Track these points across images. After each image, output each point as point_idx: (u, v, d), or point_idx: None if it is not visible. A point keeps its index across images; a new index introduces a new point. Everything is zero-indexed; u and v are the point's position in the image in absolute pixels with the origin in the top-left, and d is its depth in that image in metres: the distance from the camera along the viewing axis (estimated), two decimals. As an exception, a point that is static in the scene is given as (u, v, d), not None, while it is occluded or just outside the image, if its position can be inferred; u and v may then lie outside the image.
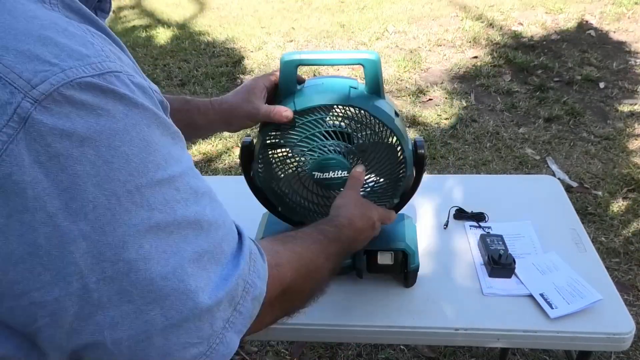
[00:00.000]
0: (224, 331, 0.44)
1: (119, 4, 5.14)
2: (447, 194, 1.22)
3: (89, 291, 0.37)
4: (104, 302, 0.38)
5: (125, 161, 0.38)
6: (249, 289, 0.46)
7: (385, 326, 0.90)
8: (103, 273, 0.37)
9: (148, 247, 0.39)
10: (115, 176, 0.37)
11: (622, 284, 1.84)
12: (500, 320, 0.89)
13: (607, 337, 0.86)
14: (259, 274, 0.48)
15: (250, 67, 3.60)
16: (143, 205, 0.39)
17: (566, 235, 1.07)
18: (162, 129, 0.42)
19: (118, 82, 0.39)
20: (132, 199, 0.38)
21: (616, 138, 2.63)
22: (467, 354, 1.67)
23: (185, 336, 0.41)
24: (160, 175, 0.40)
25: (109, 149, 0.37)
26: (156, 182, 0.40)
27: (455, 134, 2.74)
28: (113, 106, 0.38)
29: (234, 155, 2.71)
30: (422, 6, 4.39)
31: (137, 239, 0.38)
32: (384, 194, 0.87)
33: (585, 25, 3.80)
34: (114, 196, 0.37)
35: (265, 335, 1.12)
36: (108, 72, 0.38)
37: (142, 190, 0.39)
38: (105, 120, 0.37)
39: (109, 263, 0.37)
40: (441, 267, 1.01)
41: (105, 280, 0.37)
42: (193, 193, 0.43)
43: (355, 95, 0.79)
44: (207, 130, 0.88)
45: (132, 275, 0.38)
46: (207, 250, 0.43)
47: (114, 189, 0.37)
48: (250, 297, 0.46)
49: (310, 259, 0.61)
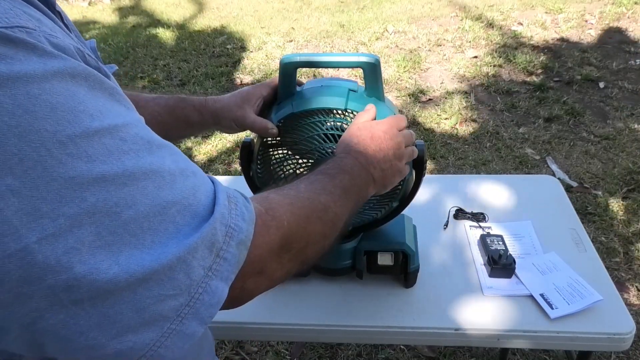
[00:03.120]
0: (206, 279, 0.42)
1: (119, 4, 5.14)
2: (447, 194, 1.22)
3: (31, 252, 0.34)
4: (52, 263, 0.35)
5: (50, 110, 0.35)
6: (232, 233, 0.44)
7: (385, 326, 0.90)
8: (43, 231, 0.34)
9: (93, 200, 0.36)
10: (40, 126, 0.34)
11: (622, 284, 1.84)
12: (501, 320, 0.89)
13: (607, 337, 0.86)
14: (242, 216, 0.45)
15: (250, 67, 3.60)
16: (80, 156, 0.36)
17: (566, 235, 1.07)
18: (91, 82, 0.39)
19: (29, 37, 0.36)
20: (65, 149, 0.35)
21: (616, 138, 2.63)
22: (467, 354, 1.67)
23: (157, 288, 0.39)
24: (97, 125, 0.37)
25: (27, 97, 0.34)
26: (93, 132, 0.37)
27: (455, 134, 2.74)
28: (25, 55, 0.35)
29: (234, 155, 2.71)
30: (422, 6, 4.39)
31: (78, 192, 0.35)
32: (382, 197, 0.87)
33: (585, 25, 3.80)
34: (42, 147, 0.34)
35: (266, 335, 1.12)
36: (17, 27, 0.36)
37: (76, 141, 0.36)
38: (19, 67, 0.34)
39: (48, 220, 0.35)
40: (441, 268, 1.01)
41: (47, 239, 0.35)
42: (145, 143, 0.41)
43: (354, 98, 0.79)
44: (201, 127, 0.88)
45: (77, 231, 0.35)
46: (173, 202, 0.40)
47: (42, 139, 0.34)
48: (234, 242, 0.44)
49: (309, 199, 0.57)
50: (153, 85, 3.40)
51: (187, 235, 0.41)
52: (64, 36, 0.41)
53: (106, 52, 3.93)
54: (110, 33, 4.39)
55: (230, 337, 1.63)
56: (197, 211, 0.42)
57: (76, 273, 0.36)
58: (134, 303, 0.38)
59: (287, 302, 0.95)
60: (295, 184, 0.59)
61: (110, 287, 0.37)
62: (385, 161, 0.71)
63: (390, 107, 0.82)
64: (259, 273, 0.49)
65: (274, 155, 0.85)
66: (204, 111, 0.85)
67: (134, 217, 0.38)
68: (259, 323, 0.92)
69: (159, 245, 0.39)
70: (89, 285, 0.36)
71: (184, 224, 0.41)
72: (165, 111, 0.84)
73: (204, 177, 0.46)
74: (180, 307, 0.41)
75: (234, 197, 0.47)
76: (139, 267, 0.38)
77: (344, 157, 0.68)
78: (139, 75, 3.58)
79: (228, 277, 0.44)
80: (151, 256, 0.39)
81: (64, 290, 0.36)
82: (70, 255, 0.36)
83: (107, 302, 0.38)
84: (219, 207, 0.44)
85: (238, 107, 0.83)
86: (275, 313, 0.93)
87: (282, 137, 0.83)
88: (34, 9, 0.41)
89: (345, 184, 0.63)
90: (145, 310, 0.39)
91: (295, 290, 0.97)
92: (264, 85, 0.86)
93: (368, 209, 0.88)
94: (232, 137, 2.80)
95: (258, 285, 0.50)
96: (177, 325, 0.41)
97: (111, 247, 0.37)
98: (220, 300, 0.43)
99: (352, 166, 0.66)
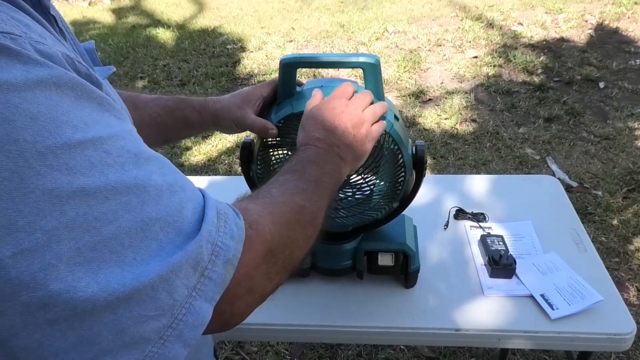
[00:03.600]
0: (190, 300, 0.40)
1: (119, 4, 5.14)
2: (447, 194, 1.22)
3: (4, 267, 0.33)
4: (27, 280, 0.33)
5: (30, 119, 0.34)
6: (219, 251, 0.42)
7: (385, 327, 0.90)
8: (18, 245, 0.33)
9: (73, 214, 0.35)
10: (19, 136, 0.33)
11: (622, 284, 1.84)
12: (501, 320, 0.89)
13: (608, 337, 0.86)
14: (232, 233, 0.44)
15: (250, 67, 3.60)
16: (60, 169, 0.34)
17: (566, 235, 1.07)
18: (78, 91, 0.38)
19: (13, 43, 0.35)
20: (44, 161, 0.34)
21: (616, 138, 2.63)
22: (467, 354, 1.67)
23: (138, 308, 0.37)
24: (80, 137, 0.36)
25: (7, 106, 0.33)
26: (76, 144, 0.36)
27: (455, 134, 2.74)
28: (7, 62, 0.34)
29: (234, 155, 2.71)
30: (422, 6, 4.39)
31: (57, 206, 0.34)
32: (383, 198, 0.87)
33: (585, 25, 3.80)
34: (20, 158, 0.33)
35: (266, 335, 1.12)
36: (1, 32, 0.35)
37: (56, 152, 0.34)
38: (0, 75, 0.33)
39: (24, 234, 0.33)
40: (441, 268, 1.01)
41: (22, 254, 0.33)
42: (132, 156, 0.39)
43: None
44: (201, 128, 0.88)
45: (54, 247, 0.34)
46: (157, 218, 0.39)
47: (20, 150, 0.33)
48: (221, 261, 0.42)
49: (284, 202, 0.55)
50: (153, 85, 3.40)
51: (171, 254, 0.39)
52: (55, 42, 0.40)
53: (106, 52, 3.93)
54: (110, 33, 4.39)
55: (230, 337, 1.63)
56: (183, 228, 0.41)
57: (52, 291, 0.34)
58: (113, 324, 0.37)
59: (287, 302, 0.95)
60: (267, 190, 0.56)
61: (88, 306, 0.35)
62: (346, 135, 0.68)
63: (390, 107, 0.82)
64: (248, 292, 0.47)
65: (274, 155, 0.85)
66: (203, 112, 0.84)
67: (115, 233, 0.37)
68: (259, 323, 0.92)
69: (140, 263, 0.37)
70: (66, 304, 0.35)
71: (168, 241, 0.39)
72: (165, 112, 0.84)
73: (193, 191, 0.44)
74: (163, 329, 0.39)
75: (224, 213, 0.45)
76: (119, 286, 0.36)
77: (305, 149, 0.65)
78: (139, 75, 3.58)
79: (213, 298, 0.42)
80: (132, 274, 0.37)
81: (39, 308, 0.34)
82: (46, 271, 0.34)
83: (85, 322, 0.36)
84: (206, 225, 0.42)
85: (238, 107, 0.83)
86: (275, 313, 0.93)
87: (282, 138, 0.82)
88: (23, 13, 0.40)
89: (315, 175, 0.61)
90: (126, 332, 0.37)
91: (296, 290, 0.97)
92: (264, 86, 0.86)
93: (368, 209, 0.88)
94: (232, 137, 2.80)
95: (249, 304, 0.48)
96: (159, 348, 0.39)
97: (90, 264, 0.35)
98: (204, 321, 0.42)
99: (316, 154, 0.64)
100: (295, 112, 0.79)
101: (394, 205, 0.89)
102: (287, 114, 0.80)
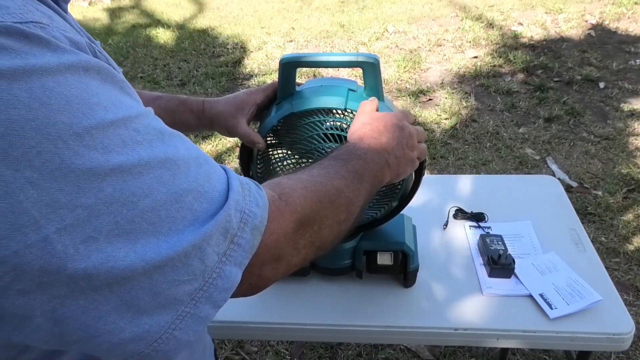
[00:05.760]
0: (220, 265, 0.43)
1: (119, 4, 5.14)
2: (447, 194, 1.22)
3: (50, 242, 0.35)
4: (71, 253, 0.36)
5: (65, 102, 0.36)
6: (247, 218, 0.45)
7: (385, 326, 0.90)
8: (62, 221, 0.35)
9: (110, 190, 0.37)
10: (57, 118, 0.35)
11: (622, 284, 1.84)
12: (500, 320, 0.89)
13: (607, 337, 0.86)
14: (256, 202, 0.46)
15: (250, 67, 3.60)
16: (96, 148, 0.37)
17: (566, 235, 1.07)
18: (104, 75, 0.40)
19: (43, 32, 0.37)
20: (81, 141, 0.36)
21: (616, 138, 2.63)
22: (467, 354, 1.67)
23: (172, 274, 0.40)
24: (111, 117, 0.38)
25: (43, 90, 0.35)
26: (108, 124, 0.38)
27: (455, 134, 2.74)
28: (39, 50, 0.36)
29: (234, 155, 2.71)
30: (422, 6, 4.39)
31: (95, 183, 0.36)
32: (382, 197, 0.87)
33: (585, 25, 3.80)
34: (59, 139, 0.35)
35: (266, 335, 1.12)
36: (32, 22, 0.36)
37: (92, 133, 0.37)
38: (34, 61, 0.35)
39: (67, 210, 0.35)
40: (441, 268, 1.01)
41: (66, 230, 0.35)
42: (158, 133, 0.42)
43: (353, 98, 0.79)
44: (199, 129, 0.91)
45: (94, 221, 0.36)
46: (189, 189, 0.41)
47: (59, 132, 0.35)
48: (249, 228, 0.45)
49: (321, 183, 0.57)
50: (153, 85, 3.40)
51: (203, 223, 0.42)
52: (75, 33, 0.42)
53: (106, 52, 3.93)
54: (110, 33, 4.40)
55: (230, 337, 1.63)
56: (213, 197, 0.43)
57: (94, 261, 0.37)
58: (150, 288, 0.39)
59: (287, 302, 0.95)
60: (308, 169, 0.59)
61: (127, 274, 0.38)
62: (399, 149, 0.71)
63: (390, 107, 0.82)
64: (276, 260, 0.49)
65: (274, 155, 0.85)
66: (201, 116, 0.87)
67: (152, 205, 0.39)
68: (259, 323, 0.92)
69: (175, 232, 0.40)
70: (107, 273, 0.37)
71: (202, 211, 0.42)
72: (165, 114, 0.86)
73: (215, 164, 0.47)
74: (195, 292, 0.42)
75: (247, 183, 0.48)
76: (155, 255, 0.39)
77: (357, 143, 0.67)
78: (139, 75, 3.58)
79: (242, 263, 0.45)
80: (167, 244, 0.39)
81: (83, 278, 0.37)
82: (88, 244, 0.36)
83: (125, 287, 0.38)
84: (232, 194, 0.44)
85: (232, 116, 0.85)
86: (275, 313, 0.93)
87: (281, 137, 0.83)
88: (45, 7, 0.42)
89: (358, 168, 0.63)
90: (161, 295, 0.40)
91: (295, 290, 0.98)
92: (258, 92, 0.87)
93: (367, 209, 0.88)
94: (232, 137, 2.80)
95: (276, 271, 0.50)
96: (191, 308, 0.42)
97: (128, 236, 0.38)
98: (234, 284, 0.44)
99: (366, 152, 0.66)
100: (295, 111, 0.79)
101: (393, 204, 0.89)
102: (287, 113, 0.80)
